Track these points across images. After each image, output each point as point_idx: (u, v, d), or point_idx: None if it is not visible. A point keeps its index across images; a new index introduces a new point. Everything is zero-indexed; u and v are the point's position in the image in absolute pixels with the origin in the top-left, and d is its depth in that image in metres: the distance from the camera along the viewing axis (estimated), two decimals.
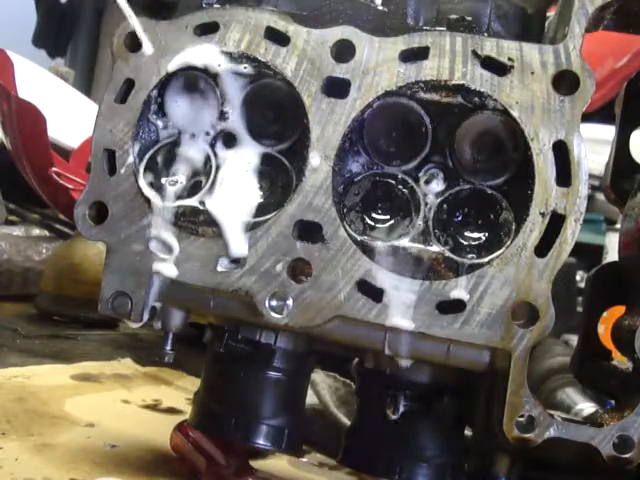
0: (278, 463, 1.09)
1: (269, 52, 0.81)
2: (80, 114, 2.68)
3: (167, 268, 0.81)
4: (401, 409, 0.83)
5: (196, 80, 0.84)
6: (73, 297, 1.92)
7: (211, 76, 0.83)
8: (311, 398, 1.13)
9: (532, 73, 0.76)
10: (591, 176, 0.75)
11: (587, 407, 1.22)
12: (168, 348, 0.87)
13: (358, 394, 0.93)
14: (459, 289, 0.75)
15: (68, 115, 2.66)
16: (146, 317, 0.83)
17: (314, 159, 0.78)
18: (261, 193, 0.82)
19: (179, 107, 0.85)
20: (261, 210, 0.81)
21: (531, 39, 0.79)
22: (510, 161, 0.78)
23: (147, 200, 0.82)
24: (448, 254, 0.77)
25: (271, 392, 0.88)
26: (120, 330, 1.90)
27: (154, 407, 1.31)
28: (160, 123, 0.85)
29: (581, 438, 0.74)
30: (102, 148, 0.83)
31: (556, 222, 0.74)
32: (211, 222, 0.81)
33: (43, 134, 1.96)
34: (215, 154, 0.84)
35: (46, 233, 2.36)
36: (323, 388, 1.19)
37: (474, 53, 0.77)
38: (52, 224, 2.38)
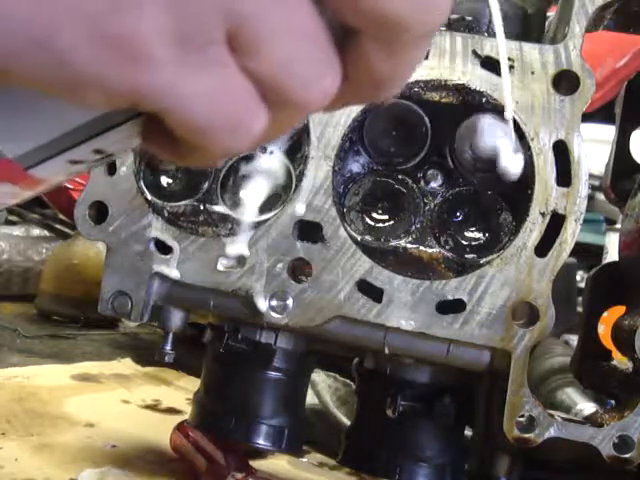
0: (278, 463, 1.09)
1: None
2: None
3: (167, 268, 0.81)
4: (401, 409, 0.83)
5: None
6: (73, 297, 1.92)
7: None
8: (311, 398, 1.13)
9: (532, 73, 0.76)
10: (591, 176, 0.75)
11: (587, 407, 1.22)
12: (168, 348, 0.87)
13: (358, 394, 0.93)
14: (459, 289, 0.75)
15: None
16: (146, 317, 0.83)
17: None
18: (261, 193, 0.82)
19: None
20: (261, 210, 0.81)
21: (531, 39, 0.79)
22: None
23: (147, 200, 0.82)
24: (448, 254, 0.77)
25: (271, 392, 0.88)
26: (120, 330, 1.90)
27: (154, 407, 1.31)
28: None
29: (581, 438, 0.74)
30: None
31: (556, 222, 0.74)
32: (211, 222, 0.81)
33: None
34: None
35: (46, 233, 2.36)
36: (323, 388, 1.19)
37: (474, 53, 0.77)
38: (52, 224, 2.38)
